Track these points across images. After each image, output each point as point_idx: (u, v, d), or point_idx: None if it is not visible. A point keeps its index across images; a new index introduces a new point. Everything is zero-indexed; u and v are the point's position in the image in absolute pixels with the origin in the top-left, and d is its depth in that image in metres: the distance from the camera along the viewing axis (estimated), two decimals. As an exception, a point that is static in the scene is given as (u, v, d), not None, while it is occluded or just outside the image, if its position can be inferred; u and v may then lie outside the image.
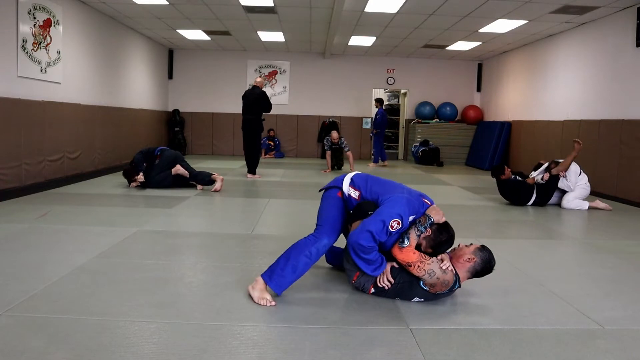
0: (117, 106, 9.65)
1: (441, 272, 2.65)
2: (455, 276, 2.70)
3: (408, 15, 8.50)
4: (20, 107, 6.45)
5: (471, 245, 2.81)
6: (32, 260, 3.36)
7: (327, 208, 2.94)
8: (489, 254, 2.78)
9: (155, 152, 6.95)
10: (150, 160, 6.90)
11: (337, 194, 2.96)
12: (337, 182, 3.02)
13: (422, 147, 12.32)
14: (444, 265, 2.68)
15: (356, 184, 2.95)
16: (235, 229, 4.63)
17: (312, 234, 2.87)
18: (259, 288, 2.74)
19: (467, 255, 2.75)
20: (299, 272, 2.76)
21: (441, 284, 2.66)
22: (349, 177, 3.02)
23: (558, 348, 2.29)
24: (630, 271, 3.62)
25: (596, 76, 8.10)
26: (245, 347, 2.21)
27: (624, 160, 7.23)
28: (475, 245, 2.82)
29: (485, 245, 2.83)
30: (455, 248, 2.85)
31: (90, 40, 8.52)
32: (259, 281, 2.76)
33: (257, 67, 13.28)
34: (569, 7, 7.48)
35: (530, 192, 6.34)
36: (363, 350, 2.20)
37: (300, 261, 2.75)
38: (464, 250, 2.79)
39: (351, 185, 2.96)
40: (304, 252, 2.76)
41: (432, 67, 13.34)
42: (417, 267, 2.64)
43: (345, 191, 2.94)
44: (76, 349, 2.12)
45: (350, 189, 2.95)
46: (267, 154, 13.06)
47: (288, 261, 2.74)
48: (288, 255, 2.78)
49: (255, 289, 2.75)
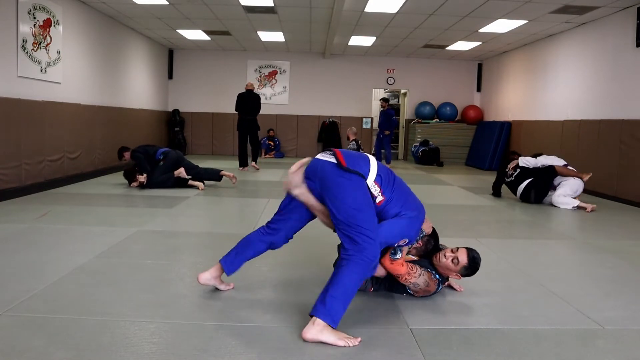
0: (117, 106, 9.65)
1: (425, 285, 2.74)
2: (437, 284, 2.78)
3: (408, 15, 8.50)
4: (20, 107, 6.45)
5: (457, 251, 2.77)
6: (32, 260, 3.36)
7: (364, 204, 2.40)
8: (475, 258, 2.77)
9: (157, 157, 6.93)
10: (150, 162, 6.90)
11: (363, 184, 2.45)
12: (363, 169, 2.47)
13: (422, 147, 12.31)
14: (427, 279, 2.74)
15: (382, 184, 2.49)
16: (235, 229, 4.63)
17: (352, 250, 2.33)
18: (329, 330, 2.26)
19: (452, 270, 2.77)
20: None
21: (423, 291, 2.79)
22: (374, 168, 2.50)
23: (558, 348, 2.29)
24: (630, 271, 3.62)
25: (596, 76, 8.09)
26: (245, 347, 2.21)
27: (624, 160, 7.22)
28: (461, 250, 2.77)
29: (468, 248, 2.80)
30: (439, 254, 2.80)
31: (90, 40, 8.52)
32: (319, 321, 2.25)
33: (257, 67, 13.28)
34: (569, 7, 7.48)
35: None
36: (363, 350, 2.20)
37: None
38: (448, 256, 2.76)
39: (377, 182, 2.48)
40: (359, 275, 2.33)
41: (432, 67, 13.34)
42: (404, 279, 2.70)
43: (370, 185, 2.47)
44: (76, 349, 2.12)
45: (375, 185, 2.48)
46: (267, 154, 13.06)
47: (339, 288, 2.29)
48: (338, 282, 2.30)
49: (325, 332, 2.25)
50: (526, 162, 6.57)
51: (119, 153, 7.31)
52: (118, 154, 7.34)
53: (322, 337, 2.22)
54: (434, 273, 2.79)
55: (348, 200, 2.38)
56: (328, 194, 2.45)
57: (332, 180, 2.43)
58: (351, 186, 2.41)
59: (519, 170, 6.59)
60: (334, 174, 2.44)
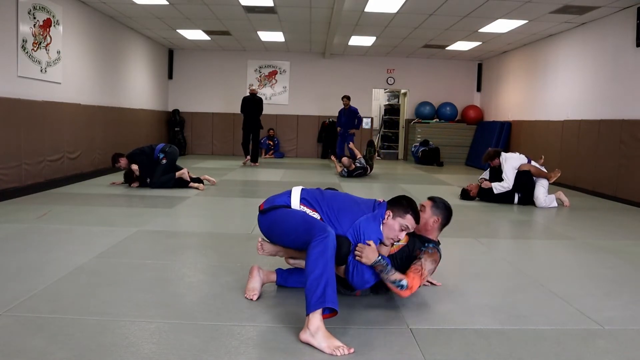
0: (117, 106, 9.65)
1: (433, 265, 2.69)
2: (438, 252, 2.76)
3: (408, 15, 8.50)
4: (20, 107, 6.45)
5: (425, 209, 2.83)
6: (32, 260, 3.36)
7: (298, 219, 2.56)
8: (443, 203, 2.89)
9: (155, 155, 6.86)
10: (150, 162, 6.86)
11: (289, 210, 2.65)
12: (283, 200, 2.69)
13: (422, 147, 12.31)
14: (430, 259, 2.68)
15: (311, 204, 2.64)
16: (235, 229, 4.63)
17: (311, 241, 2.38)
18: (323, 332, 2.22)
19: (431, 221, 2.82)
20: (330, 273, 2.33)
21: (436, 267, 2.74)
22: (296, 195, 2.70)
23: (558, 348, 2.29)
24: (630, 271, 3.62)
25: (596, 76, 8.09)
26: (245, 347, 2.21)
27: (624, 160, 7.22)
28: (427, 205, 2.85)
29: (433, 198, 2.92)
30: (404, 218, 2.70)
31: (90, 40, 8.52)
32: (313, 320, 2.23)
33: (257, 67, 13.28)
34: (569, 7, 7.48)
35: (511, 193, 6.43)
36: (363, 351, 2.20)
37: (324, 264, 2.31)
38: (425, 218, 2.81)
39: (303, 204, 2.66)
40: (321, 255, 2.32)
41: (432, 67, 13.34)
42: (424, 281, 2.68)
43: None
44: (76, 349, 2.12)
45: (302, 207, 2.65)
46: (267, 153, 13.06)
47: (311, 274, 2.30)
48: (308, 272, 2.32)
49: (317, 336, 2.20)
50: (500, 187, 6.38)
51: (113, 159, 6.99)
52: (112, 160, 7.01)
53: (314, 341, 2.19)
54: (426, 247, 2.73)
55: (279, 227, 2.64)
56: (271, 237, 2.76)
57: (264, 225, 2.74)
58: (280, 217, 2.64)
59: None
60: (263, 221, 2.74)
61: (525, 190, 6.34)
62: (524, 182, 6.32)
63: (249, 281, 2.83)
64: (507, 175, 6.34)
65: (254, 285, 2.79)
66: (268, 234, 2.77)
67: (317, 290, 2.24)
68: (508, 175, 6.33)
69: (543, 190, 6.29)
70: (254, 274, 2.83)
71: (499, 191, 6.39)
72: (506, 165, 6.38)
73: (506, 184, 6.34)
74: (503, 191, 6.38)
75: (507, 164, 6.38)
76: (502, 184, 6.37)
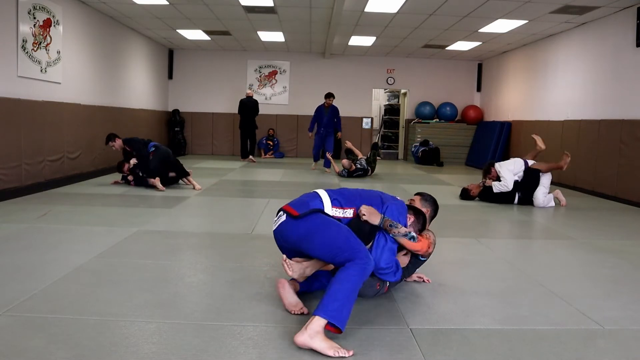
0: (117, 106, 9.65)
1: (434, 237, 2.99)
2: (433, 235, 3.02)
3: (408, 15, 8.50)
4: (20, 107, 6.45)
5: (415, 202, 3.07)
6: (32, 260, 3.36)
7: (334, 230, 2.50)
8: (430, 196, 3.13)
9: (149, 149, 7.07)
10: (143, 151, 7.02)
11: (323, 216, 2.59)
12: (316, 204, 2.63)
13: (422, 147, 12.31)
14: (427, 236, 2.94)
15: (342, 204, 2.65)
16: (235, 229, 4.63)
17: (352, 262, 2.36)
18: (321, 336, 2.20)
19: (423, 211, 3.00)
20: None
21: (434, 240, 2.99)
22: (326, 198, 2.67)
23: (558, 348, 2.29)
24: (630, 271, 3.62)
25: (596, 76, 8.09)
26: (245, 347, 2.21)
27: (624, 160, 7.22)
28: (416, 200, 3.09)
29: (421, 192, 3.18)
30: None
31: (90, 40, 8.52)
32: (319, 323, 2.21)
33: (257, 67, 13.27)
34: (569, 7, 7.48)
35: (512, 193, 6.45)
36: (363, 351, 2.20)
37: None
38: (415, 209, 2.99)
39: (335, 206, 2.65)
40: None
41: (432, 67, 13.34)
42: (428, 252, 2.87)
43: (331, 214, 2.63)
44: (76, 349, 2.12)
45: (335, 209, 2.64)
46: (266, 153, 13.05)
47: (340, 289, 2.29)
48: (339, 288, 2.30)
49: (316, 338, 2.18)
50: (500, 186, 6.43)
51: (108, 138, 7.12)
52: (107, 139, 7.14)
53: (313, 343, 2.15)
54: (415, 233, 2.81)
55: (319, 237, 2.49)
56: (302, 245, 2.56)
57: (298, 232, 2.55)
58: (323, 226, 2.52)
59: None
60: (297, 227, 2.56)
61: (527, 190, 6.36)
62: (529, 182, 6.35)
63: (285, 297, 2.62)
64: (505, 177, 6.40)
65: (295, 299, 2.62)
66: (300, 241, 2.55)
67: (337, 302, 2.23)
68: (506, 178, 6.39)
69: (544, 190, 6.32)
70: (287, 288, 2.63)
71: (498, 189, 6.43)
72: (502, 170, 6.46)
73: (505, 183, 6.38)
74: (502, 190, 6.41)
75: (503, 169, 6.47)
76: (502, 183, 6.42)
